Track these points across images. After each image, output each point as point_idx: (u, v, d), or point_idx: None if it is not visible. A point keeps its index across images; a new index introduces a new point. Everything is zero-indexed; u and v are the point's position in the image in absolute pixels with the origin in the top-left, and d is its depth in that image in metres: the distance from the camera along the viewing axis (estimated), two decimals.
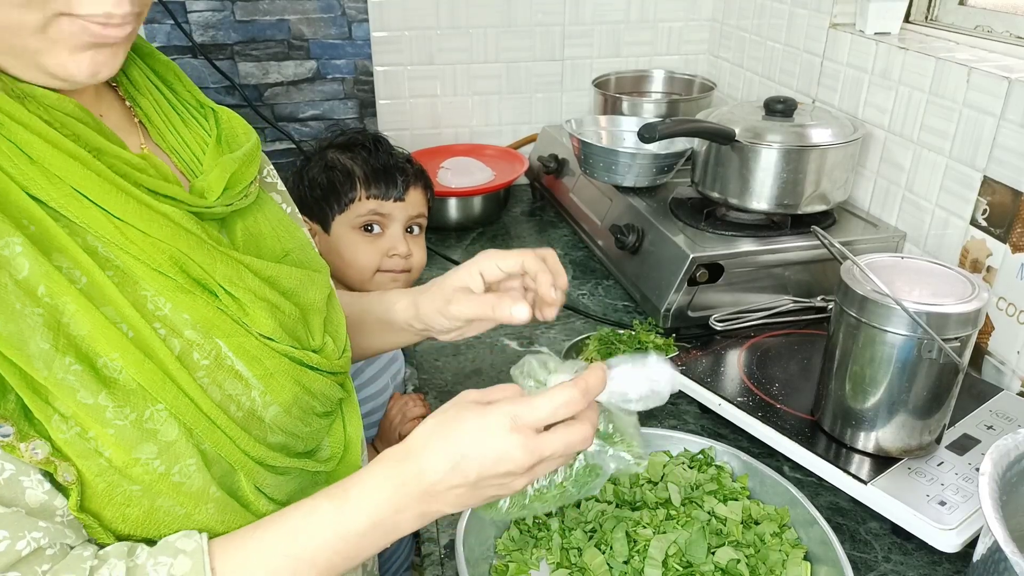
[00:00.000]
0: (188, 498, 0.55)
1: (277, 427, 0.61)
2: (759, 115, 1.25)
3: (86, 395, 0.50)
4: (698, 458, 0.92)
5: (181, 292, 0.56)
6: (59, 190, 0.51)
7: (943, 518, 0.81)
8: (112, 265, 0.54)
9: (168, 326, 0.55)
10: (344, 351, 0.71)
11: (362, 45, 1.71)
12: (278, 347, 0.61)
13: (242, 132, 0.69)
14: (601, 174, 1.38)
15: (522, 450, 0.57)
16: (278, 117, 1.73)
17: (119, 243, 0.53)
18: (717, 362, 1.09)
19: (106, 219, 0.53)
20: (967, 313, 0.82)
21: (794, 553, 0.80)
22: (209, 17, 1.60)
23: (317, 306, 0.68)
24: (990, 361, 1.10)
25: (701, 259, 1.18)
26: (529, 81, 1.83)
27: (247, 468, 0.59)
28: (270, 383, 0.60)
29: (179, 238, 0.56)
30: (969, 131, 1.12)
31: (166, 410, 0.54)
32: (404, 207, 1.17)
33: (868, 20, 1.33)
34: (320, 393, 0.65)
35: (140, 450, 0.53)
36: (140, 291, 0.54)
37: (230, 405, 0.58)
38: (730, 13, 1.77)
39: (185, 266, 0.56)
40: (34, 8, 0.49)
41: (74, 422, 0.51)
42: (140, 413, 0.53)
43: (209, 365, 0.57)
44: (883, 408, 0.89)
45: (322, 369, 0.65)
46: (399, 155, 1.21)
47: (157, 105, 0.65)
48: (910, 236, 1.26)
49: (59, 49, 0.51)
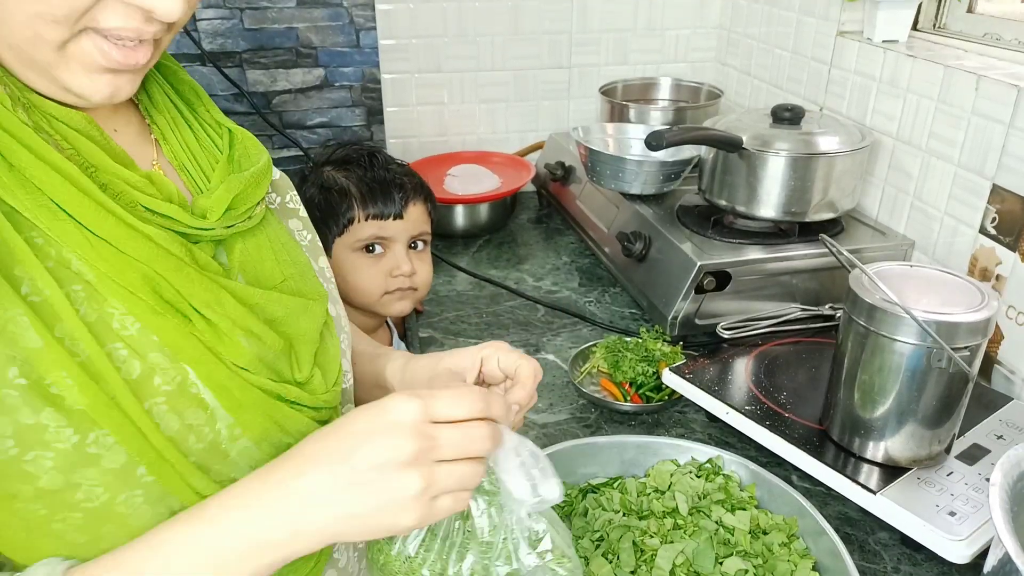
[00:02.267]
0: (135, 530, 0.52)
1: (245, 463, 0.57)
2: (766, 123, 1.25)
3: (27, 413, 0.48)
4: (705, 467, 0.92)
5: (151, 313, 0.53)
6: (34, 199, 0.50)
7: (953, 528, 0.81)
8: (82, 279, 0.52)
9: (131, 347, 0.53)
10: (335, 383, 0.66)
11: (370, 53, 1.71)
12: (252, 378, 0.57)
13: (254, 152, 0.67)
14: (608, 181, 1.38)
15: (410, 429, 0.51)
16: (286, 124, 1.73)
17: (89, 258, 0.52)
18: (724, 370, 1.09)
19: (79, 232, 0.51)
20: (977, 322, 0.82)
21: (803, 563, 0.80)
22: (218, 25, 1.61)
23: (309, 336, 0.65)
24: (1000, 370, 1.09)
25: (708, 267, 1.18)
26: (536, 89, 1.83)
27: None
28: (240, 415, 0.56)
29: (157, 259, 0.54)
30: (978, 139, 1.11)
31: (111, 436, 0.51)
32: (405, 225, 1.14)
33: (876, 28, 1.32)
34: (296, 431, 0.60)
35: (80, 474, 0.50)
36: (107, 308, 0.52)
37: (188, 436, 0.54)
38: (737, 21, 1.77)
39: (158, 287, 0.54)
40: (64, 25, 0.49)
41: (13, 443, 0.48)
42: (83, 436, 0.50)
43: (171, 391, 0.53)
44: (892, 417, 0.88)
45: (303, 404, 0.61)
46: (396, 169, 1.18)
47: (173, 123, 0.64)
48: (919, 244, 1.25)
49: (74, 67, 0.51)
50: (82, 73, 0.52)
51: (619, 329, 1.30)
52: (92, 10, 0.49)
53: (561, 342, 1.28)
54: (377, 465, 0.50)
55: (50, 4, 0.48)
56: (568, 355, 1.21)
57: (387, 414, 0.52)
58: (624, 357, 1.14)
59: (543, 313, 1.37)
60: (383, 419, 0.52)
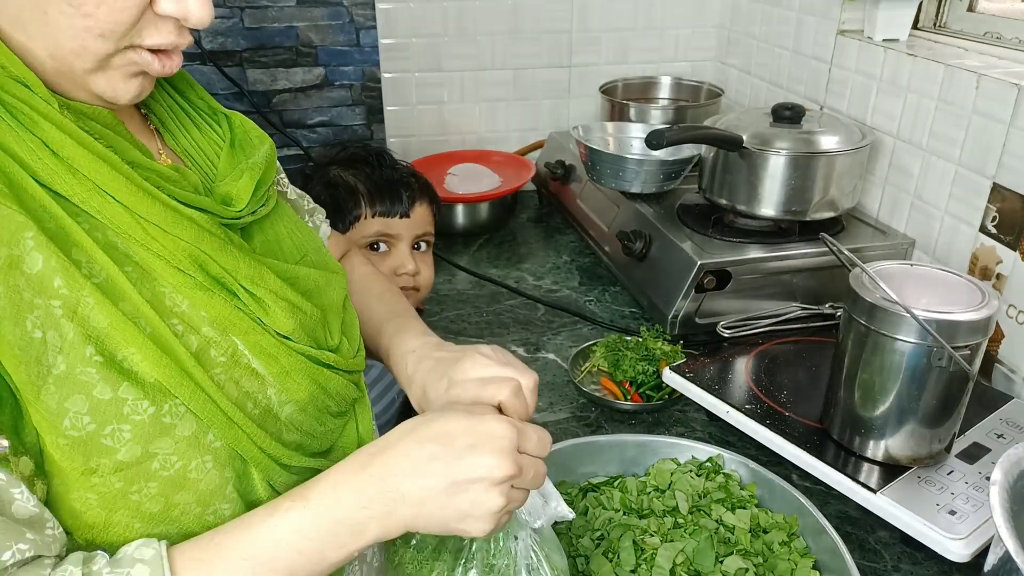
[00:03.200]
0: (204, 496, 0.55)
1: (293, 426, 0.61)
2: (767, 122, 1.25)
3: (104, 389, 0.51)
4: (706, 466, 0.92)
5: (199, 289, 0.57)
6: (82, 185, 0.52)
7: (953, 527, 0.81)
8: (131, 261, 0.54)
9: (185, 322, 0.56)
10: (359, 351, 0.71)
11: (370, 52, 1.71)
12: (295, 346, 0.62)
13: (256, 136, 0.70)
14: (608, 180, 1.38)
15: (509, 453, 0.56)
16: (286, 123, 1.73)
17: (140, 239, 0.54)
18: (725, 369, 1.09)
19: (128, 215, 0.54)
20: (977, 321, 0.82)
21: (803, 562, 0.80)
22: (218, 24, 1.61)
23: (336, 307, 0.69)
24: (1000, 369, 1.09)
25: (709, 266, 1.18)
26: (536, 88, 1.83)
27: (262, 465, 0.59)
28: (286, 381, 0.60)
29: (203, 240, 0.57)
30: (978, 138, 1.11)
31: (183, 405, 0.54)
32: (410, 224, 1.16)
33: (876, 27, 1.32)
34: (336, 392, 0.65)
35: (157, 444, 0.53)
36: (158, 287, 0.55)
37: (247, 402, 0.58)
38: (738, 20, 1.77)
39: (204, 264, 0.57)
40: (109, 40, 0.52)
41: (89, 419, 0.51)
42: (159, 407, 0.53)
43: (226, 362, 0.57)
44: (892, 416, 0.88)
45: (338, 368, 0.66)
46: (403, 169, 1.20)
47: (171, 111, 0.67)
48: (919, 243, 1.25)
49: (113, 76, 0.55)
50: (119, 79, 0.55)
51: (619, 328, 1.30)
52: (137, 26, 0.53)
53: (561, 341, 1.28)
54: (475, 479, 0.55)
55: (97, 19, 0.51)
56: (568, 354, 1.21)
57: (491, 437, 0.56)
58: (624, 356, 1.14)
59: (543, 312, 1.37)
60: (487, 439, 0.56)
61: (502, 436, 0.56)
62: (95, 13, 0.51)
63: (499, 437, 0.56)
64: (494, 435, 0.56)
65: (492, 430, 0.57)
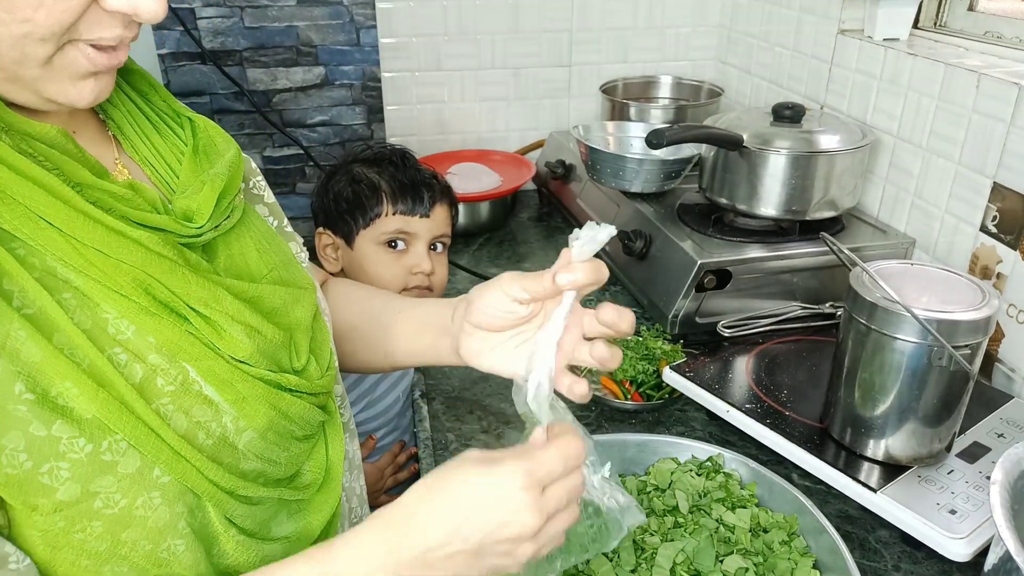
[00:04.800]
0: (154, 533, 0.53)
1: (252, 453, 0.58)
2: (767, 121, 1.25)
3: (39, 427, 0.48)
4: (706, 465, 0.92)
5: (145, 315, 0.53)
6: (12, 211, 0.49)
7: (953, 527, 0.81)
8: (70, 287, 0.51)
9: (130, 351, 0.53)
10: (328, 369, 0.67)
11: (370, 51, 1.71)
12: (252, 371, 0.58)
13: (221, 142, 0.66)
14: (608, 180, 1.38)
15: (533, 509, 0.53)
16: (286, 123, 1.73)
17: (77, 265, 0.51)
18: (725, 369, 1.09)
19: (63, 240, 0.51)
20: (977, 320, 0.82)
21: (803, 561, 0.80)
22: (218, 24, 1.61)
23: (303, 325, 0.65)
24: (1000, 369, 1.09)
25: (709, 265, 1.18)
26: (536, 87, 1.83)
27: (216, 499, 0.56)
28: (243, 408, 0.57)
29: (150, 263, 0.54)
30: (979, 137, 1.11)
31: (124, 440, 0.51)
32: (429, 225, 1.18)
33: (877, 26, 1.32)
34: (298, 417, 0.61)
35: (97, 483, 0.50)
36: (100, 314, 0.52)
37: (198, 433, 0.55)
38: (738, 19, 1.77)
39: (150, 288, 0.54)
40: (50, 42, 0.49)
41: (26, 456, 0.48)
42: (97, 444, 0.50)
43: (175, 391, 0.54)
44: (893, 416, 0.88)
45: (301, 391, 0.62)
46: (426, 171, 1.22)
47: (130, 116, 0.63)
48: (919, 243, 1.25)
49: (61, 78, 0.51)
50: (68, 82, 0.52)
51: None
52: (77, 23, 0.49)
53: None
54: (501, 543, 0.53)
55: (36, 25, 0.48)
56: None
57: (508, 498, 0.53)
58: (624, 355, 1.14)
59: None
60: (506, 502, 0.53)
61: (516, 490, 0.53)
62: (33, 18, 0.47)
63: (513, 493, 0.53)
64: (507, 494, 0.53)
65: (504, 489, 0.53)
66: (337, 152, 1.78)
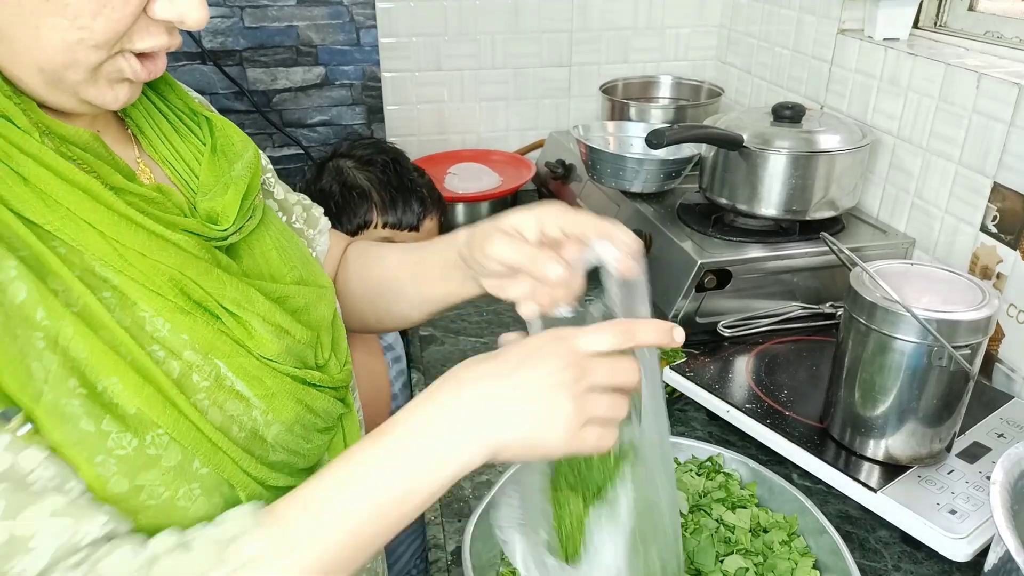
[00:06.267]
0: (194, 522, 0.54)
1: (279, 445, 0.60)
2: (767, 121, 1.25)
3: (88, 423, 0.49)
4: (706, 465, 0.92)
5: (180, 313, 0.55)
6: (55, 212, 0.51)
7: (953, 527, 0.81)
8: (109, 286, 0.53)
9: (166, 348, 0.54)
10: (345, 364, 0.70)
11: (370, 51, 1.71)
12: (280, 367, 0.60)
13: (239, 141, 0.67)
14: (608, 180, 1.38)
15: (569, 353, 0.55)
16: (286, 123, 1.73)
17: (116, 264, 0.53)
18: (725, 369, 1.08)
19: (103, 241, 0.52)
20: (977, 320, 0.82)
21: (803, 561, 0.80)
22: (218, 24, 1.61)
23: (326, 323, 0.68)
24: (1000, 369, 1.09)
25: (709, 265, 1.18)
26: (536, 87, 1.83)
27: (249, 489, 0.58)
28: (272, 403, 0.59)
29: (187, 265, 0.56)
30: (979, 137, 1.11)
31: (166, 434, 0.53)
32: (416, 237, 1.16)
33: (877, 26, 1.32)
34: (322, 410, 0.64)
35: (143, 477, 0.52)
36: (138, 312, 0.54)
37: (232, 426, 0.57)
38: (738, 19, 1.77)
39: (186, 288, 0.55)
40: (103, 50, 0.51)
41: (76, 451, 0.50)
42: (141, 439, 0.52)
43: (209, 386, 0.56)
44: (893, 416, 0.88)
45: (324, 386, 0.65)
46: (417, 180, 1.18)
47: (149, 116, 0.64)
48: (919, 242, 1.25)
49: (101, 83, 0.53)
50: (106, 86, 0.54)
51: None
52: (129, 32, 0.52)
53: None
54: (536, 383, 0.54)
55: (92, 32, 0.50)
56: None
57: (542, 344, 0.55)
58: None
59: None
60: (540, 347, 0.55)
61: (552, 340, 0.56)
62: (91, 25, 0.49)
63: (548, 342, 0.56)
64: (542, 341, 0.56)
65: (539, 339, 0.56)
66: None
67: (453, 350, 1.24)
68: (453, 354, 1.23)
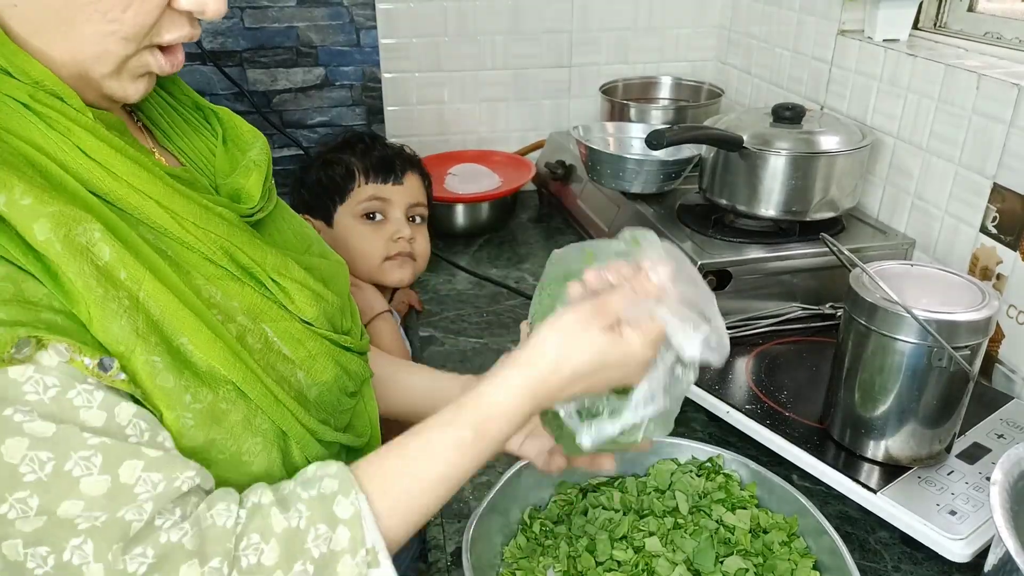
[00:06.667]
0: (256, 478, 0.57)
1: (319, 406, 0.64)
2: (767, 122, 1.25)
3: (167, 377, 0.52)
4: (706, 466, 0.92)
5: (231, 280, 0.59)
6: (119, 184, 0.54)
7: (953, 528, 0.81)
8: (166, 256, 0.56)
9: (223, 312, 0.58)
10: (363, 334, 0.75)
11: (370, 52, 1.71)
12: (319, 331, 0.65)
13: (247, 131, 0.71)
14: (608, 180, 1.38)
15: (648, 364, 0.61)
16: (286, 123, 1.73)
17: (176, 233, 0.56)
18: (725, 369, 1.09)
19: (163, 212, 0.56)
20: (977, 321, 0.82)
21: (803, 562, 0.80)
22: (218, 24, 1.61)
23: (346, 293, 0.73)
24: (1000, 369, 1.09)
25: (709, 266, 1.18)
26: (536, 88, 1.83)
27: (303, 440, 0.61)
28: (313, 365, 0.63)
29: (233, 234, 0.60)
30: (979, 138, 1.11)
31: (233, 391, 0.56)
32: (403, 192, 1.21)
33: (877, 27, 1.32)
34: (354, 372, 0.69)
35: (215, 431, 0.55)
36: (194, 280, 0.57)
37: (284, 385, 0.61)
38: (738, 20, 1.77)
39: (235, 255, 0.59)
40: (132, 43, 0.54)
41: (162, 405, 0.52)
42: (216, 393, 0.55)
43: (261, 348, 0.60)
44: (893, 416, 0.88)
45: (354, 349, 0.69)
46: (394, 146, 1.26)
47: (160, 108, 0.67)
48: (919, 243, 1.25)
49: (124, 77, 0.56)
50: (128, 80, 0.57)
51: None
52: (156, 25, 0.54)
53: None
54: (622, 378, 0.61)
55: (122, 24, 0.52)
56: None
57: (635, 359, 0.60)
58: None
59: None
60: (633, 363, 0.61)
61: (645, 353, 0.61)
62: (121, 18, 0.52)
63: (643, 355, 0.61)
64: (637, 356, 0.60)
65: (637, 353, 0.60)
66: None
67: (453, 350, 1.24)
68: (453, 354, 1.23)
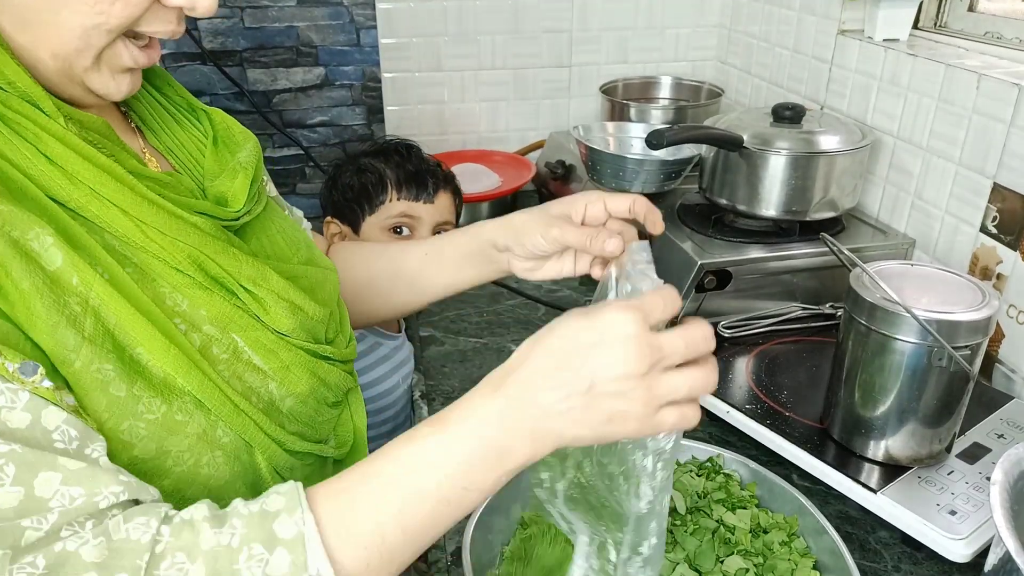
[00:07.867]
0: (215, 491, 0.56)
1: (293, 417, 0.63)
2: (767, 121, 1.25)
3: (119, 387, 0.51)
4: (706, 466, 0.92)
5: (198, 289, 0.57)
6: (79, 190, 0.53)
7: (953, 527, 0.81)
8: (130, 263, 0.55)
9: (187, 321, 0.57)
10: (350, 341, 0.73)
11: (370, 52, 1.71)
12: (294, 341, 0.63)
13: (239, 132, 0.70)
14: (608, 180, 1.38)
15: (638, 339, 0.51)
16: (286, 123, 1.73)
17: (139, 242, 0.55)
18: (725, 369, 1.08)
19: (126, 218, 0.55)
20: (977, 321, 0.82)
21: (803, 562, 0.80)
22: (218, 24, 1.61)
23: (333, 301, 0.71)
24: (1000, 369, 1.09)
25: (709, 265, 1.18)
26: (536, 87, 1.83)
27: (269, 451, 0.60)
28: (286, 376, 0.62)
29: (206, 244, 0.58)
30: (979, 138, 1.11)
31: (191, 402, 0.55)
32: (432, 211, 1.21)
33: (877, 26, 1.32)
34: (333, 383, 0.67)
35: (170, 443, 0.54)
36: (158, 288, 0.56)
37: (252, 396, 0.59)
38: (738, 19, 1.77)
39: (204, 265, 0.58)
40: (114, 33, 0.53)
41: (108, 415, 0.51)
42: (169, 404, 0.54)
43: (228, 358, 0.58)
44: (893, 416, 0.88)
45: (335, 359, 0.67)
46: (431, 161, 1.25)
47: (151, 108, 0.67)
48: (919, 243, 1.25)
49: (104, 71, 0.55)
50: (110, 75, 0.56)
51: None
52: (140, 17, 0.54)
53: None
54: (609, 378, 0.51)
55: (110, 16, 0.52)
56: None
57: (612, 327, 0.51)
58: None
59: (543, 312, 1.37)
60: (611, 333, 0.51)
61: (622, 323, 0.51)
62: (110, 10, 0.51)
63: (619, 324, 0.51)
64: (612, 324, 0.51)
65: (610, 320, 0.51)
66: (337, 153, 1.78)
67: (453, 350, 1.24)
68: (453, 354, 1.23)
